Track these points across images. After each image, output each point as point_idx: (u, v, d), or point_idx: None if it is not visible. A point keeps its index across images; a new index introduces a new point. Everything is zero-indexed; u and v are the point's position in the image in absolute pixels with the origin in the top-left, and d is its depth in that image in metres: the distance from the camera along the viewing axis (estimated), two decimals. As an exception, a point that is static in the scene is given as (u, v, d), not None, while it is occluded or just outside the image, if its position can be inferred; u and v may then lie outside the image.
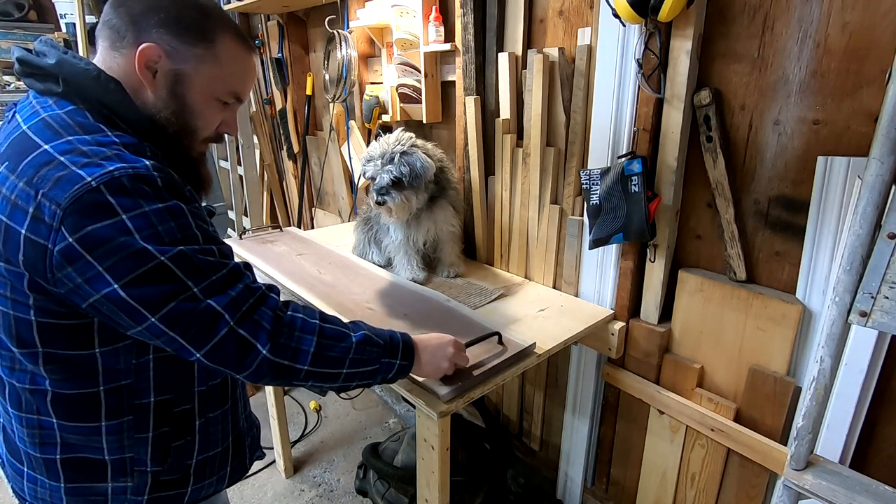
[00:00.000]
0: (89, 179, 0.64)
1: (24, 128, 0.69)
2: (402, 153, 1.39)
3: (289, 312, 0.78)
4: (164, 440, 0.84)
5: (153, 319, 0.68)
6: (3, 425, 0.87)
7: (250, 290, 0.75)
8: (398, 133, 1.45)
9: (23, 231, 0.64)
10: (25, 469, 0.86)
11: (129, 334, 0.72)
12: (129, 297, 0.66)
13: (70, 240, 0.63)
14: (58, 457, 0.82)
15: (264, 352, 0.73)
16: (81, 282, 0.66)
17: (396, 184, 1.40)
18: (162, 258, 0.66)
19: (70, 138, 0.67)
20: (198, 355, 0.71)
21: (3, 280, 0.69)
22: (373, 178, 1.42)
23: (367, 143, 2.25)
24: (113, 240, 0.64)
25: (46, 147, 0.66)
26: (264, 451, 1.13)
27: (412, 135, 1.46)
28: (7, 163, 0.67)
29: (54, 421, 0.79)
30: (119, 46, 0.74)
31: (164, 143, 0.78)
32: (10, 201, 0.65)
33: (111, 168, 0.65)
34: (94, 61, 0.76)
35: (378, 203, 1.42)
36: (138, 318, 0.68)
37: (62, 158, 0.65)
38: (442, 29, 1.68)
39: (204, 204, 0.90)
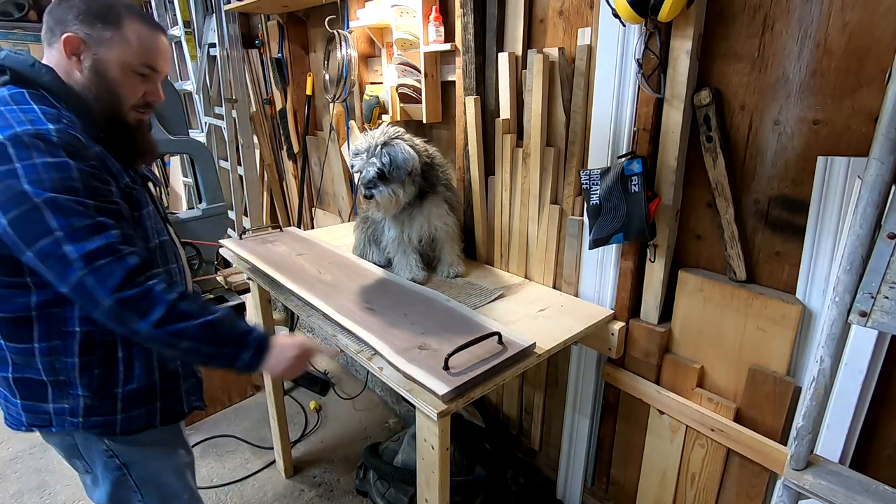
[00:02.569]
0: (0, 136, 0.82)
1: None
2: (384, 144, 1.40)
3: (148, 282, 0.89)
4: (89, 367, 0.98)
5: (28, 253, 0.83)
6: None
7: (109, 247, 0.86)
8: (384, 126, 1.46)
9: None
10: (2, 390, 1.02)
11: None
12: (12, 231, 0.82)
13: None
14: (10, 375, 0.98)
15: (106, 303, 0.85)
16: None
17: (382, 177, 1.41)
18: (36, 200, 0.81)
19: (2, 109, 0.86)
20: (64, 290, 0.85)
21: None
22: (360, 172, 1.44)
23: (367, 143, 2.25)
24: (4, 180, 0.80)
25: None
26: (205, 404, 1.25)
27: (399, 129, 1.47)
28: None
29: (2, 342, 0.95)
30: (52, 42, 0.93)
31: (94, 113, 0.95)
32: None
33: (18, 129, 0.83)
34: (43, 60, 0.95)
35: (366, 197, 1.44)
36: (19, 250, 0.84)
37: None
38: (442, 29, 1.68)
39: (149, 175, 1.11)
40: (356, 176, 1.48)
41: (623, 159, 1.22)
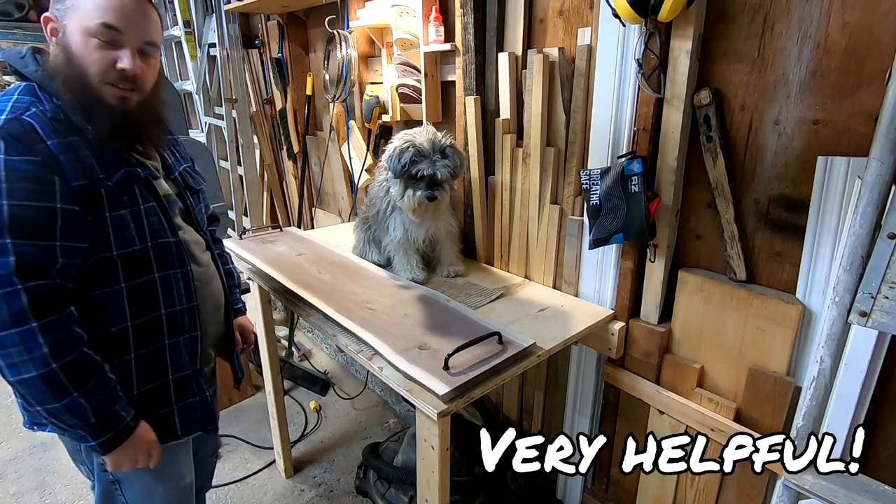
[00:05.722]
0: None
1: None
2: (452, 146, 1.42)
3: (41, 328, 0.82)
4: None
5: None
6: None
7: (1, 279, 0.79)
8: (428, 127, 1.45)
9: None
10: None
11: None
12: None
13: None
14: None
15: None
16: None
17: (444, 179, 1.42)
18: None
19: None
20: None
21: None
22: (428, 175, 1.39)
23: (367, 143, 2.25)
24: None
25: None
26: (211, 427, 1.16)
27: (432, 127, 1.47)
28: None
29: None
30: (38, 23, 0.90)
31: (67, 96, 0.87)
32: None
33: None
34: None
35: (430, 199, 1.40)
36: None
37: None
38: (442, 29, 1.68)
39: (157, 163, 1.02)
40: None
41: (623, 159, 1.22)
